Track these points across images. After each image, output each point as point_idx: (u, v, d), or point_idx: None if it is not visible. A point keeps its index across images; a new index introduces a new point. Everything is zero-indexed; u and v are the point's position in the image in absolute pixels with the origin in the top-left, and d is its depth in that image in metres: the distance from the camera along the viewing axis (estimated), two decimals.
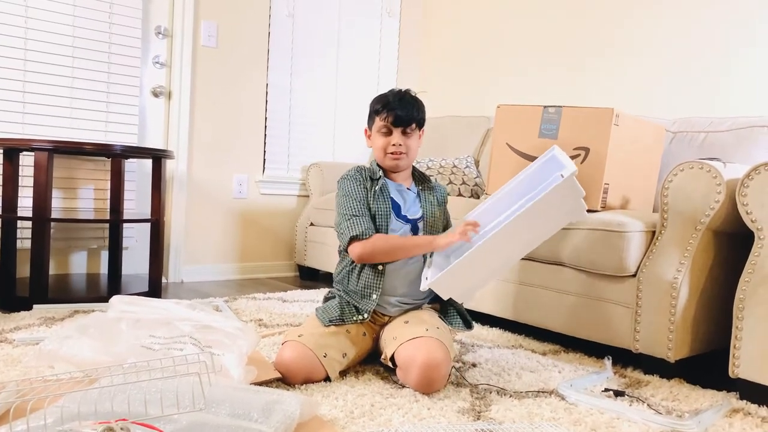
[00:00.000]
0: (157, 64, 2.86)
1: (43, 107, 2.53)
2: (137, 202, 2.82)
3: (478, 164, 2.96)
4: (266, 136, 3.21)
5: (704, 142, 2.23)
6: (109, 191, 2.66)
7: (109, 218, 2.46)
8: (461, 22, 3.59)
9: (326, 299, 1.70)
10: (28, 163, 2.39)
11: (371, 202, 1.60)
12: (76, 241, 2.68)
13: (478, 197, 2.74)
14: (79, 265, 2.72)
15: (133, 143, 2.76)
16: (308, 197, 3.29)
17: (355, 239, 1.54)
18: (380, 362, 1.62)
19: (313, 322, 1.60)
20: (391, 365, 1.53)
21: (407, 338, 1.47)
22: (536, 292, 1.99)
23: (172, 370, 1.13)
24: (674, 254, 1.68)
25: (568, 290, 1.90)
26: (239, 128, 3.10)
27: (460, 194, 2.74)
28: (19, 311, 2.07)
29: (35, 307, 2.10)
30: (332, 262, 2.86)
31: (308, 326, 1.57)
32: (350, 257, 1.59)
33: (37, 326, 1.88)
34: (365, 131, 1.71)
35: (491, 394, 1.47)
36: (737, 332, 1.53)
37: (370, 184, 1.63)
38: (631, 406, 1.41)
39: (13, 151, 2.31)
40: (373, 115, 1.65)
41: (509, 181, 1.72)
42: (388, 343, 1.54)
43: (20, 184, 2.40)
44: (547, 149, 1.75)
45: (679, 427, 1.29)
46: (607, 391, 1.51)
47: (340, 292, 1.65)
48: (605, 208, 1.92)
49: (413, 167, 1.74)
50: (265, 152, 3.21)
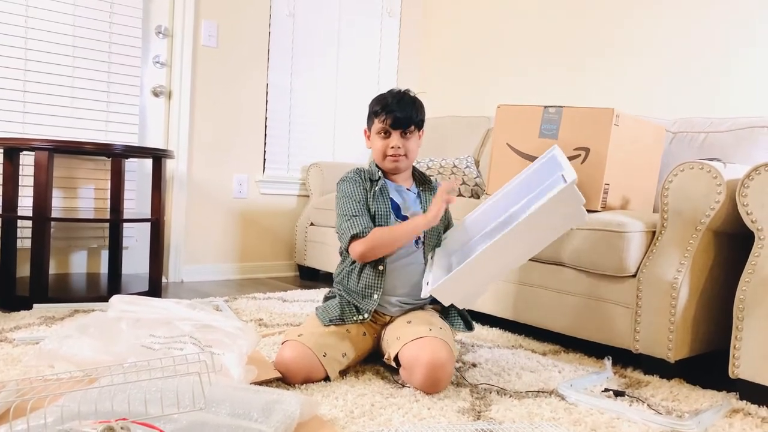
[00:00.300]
0: (157, 63, 2.86)
1: (43, 107, 2.53)
2: (137, 201, 2.82)
3: (478, 164, 2.96)
4: (266, 135, 3.21)
5: (704, 142, 2.23)
6: (109, 191, 2.66)
7: (109, 218, 2.46)
8: (461, 22, 3.59)
9: (326, 299, 1.69)
10: (28, 162, 2.39)
11: (371, 203, 1.60)
12: (76, 240, 2.69)
13: (478, 197, 2.74)
14: (79, 264, 2.72)
15: (133, 143, 2.76)
16: (308, 197, 3.29)
17: (355, 238, 1.54)
18: (380, 362, 1.62)
19: (313, 321, 1.60)
20: (394, 365, 1.53)
21: (411, 338, 1.47)
22: (536, 292, 1.99)
23: (172, 369, 1.13)
24: (674, 254, 1.68)
25: (568, 290, 1.90)
26: (239, 128, 3.10)
27: (460, 194, 2.74)
28: (19, 311, 2.07)
29: (35, 306, 2.10)
30: (332, 261, 2.86)
31: (308, 326, 1.57)
32: (351, 257, 1.59)
33: (37, 326, 1.88)
34: (365, 132, 1.71)
35: (491, 394, 1.47)
36: (737, 332, 1.53)
37: (369, 185, 1.63)
38: (631, 406, 1.41)
39: (13, 150, 2.31)
40: (372, 116, 1.64)
41: (509, 181, 1.73)
42: (391, 343, 1.53)
43: (20, 183, 2.40)
44: (547, 149, 1.75)
45: (679, 427, 1.29)
46: (607, 391, 1.51)
47: (340, 291, 1.65)
48: (605, 208, 1.92)
49: (413, 167, 1.74)
50: (265, 152, 3.21)
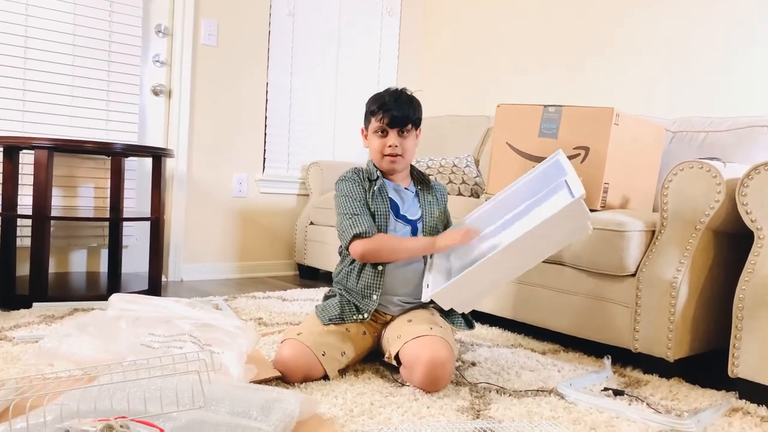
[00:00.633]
0: (157, 62, 2.86)
1: (43, 105, 2.53)
2: (137, 200, 2.82)
3: (478, 163, 2.96)
4: (266, 134, 3.21)
5: (704, 141, 2.23)
6: (109, 189, 2.66)
7: (109, 216, 2.45)
8: (461, 21, 3.59)
9: (326, 297, 1.69)
10: (28, 161, 2.39)
11: (370, 202, 1.60)
12: (76, 239, 2.69)
13: (477, 197, 2.74)
14: (78, 263, 2.72)
15: (133, 142, 2.76)
16: (308, 196, 3.29)
17: (357, 237, 1.54)
18: (380, 360, 1.62)
19: (312, 320, 1.60)
20: (395, 363, 1.53)
21: (412, 337, 1.47)
22: (536, 291, 1.99)
23: (171, 368, 1.13)
24: (674, 254, 1.68)
25: (567, 290, 1.90)
26: (239, 127, 3.10)
27: (459, 193, 2.74)
28: (18, 309, 2.07)
29: (35, 305, 2.10)
30: (332, 261, 2.86)
31: (307, 325, 1.57)
32: (351, 256, 1.59)
33: (36, 324, 1.88)
34: (362, 131, 1.70)
35: (491, 392, 1.47)
36: (737, 332, 1.53)
37: (368, 185, 1.63)
38: (630, 405, 1.41)
39: (13, 149, 2.31)
40: (369, 115, 1.63)
41: (511, 183, 1.72)
42: (392, 341, 1.53)
43: (20, 182, 2.40)
44: (547, 148, 1.75)
45: (678, 426, 1.29)
46: (606, 390, 1.51)
47: (340, 290, 1.65)
48: (605, 207, 1.92)
49: (412, 166, 1.73)
50: (265, 151, 3.21)
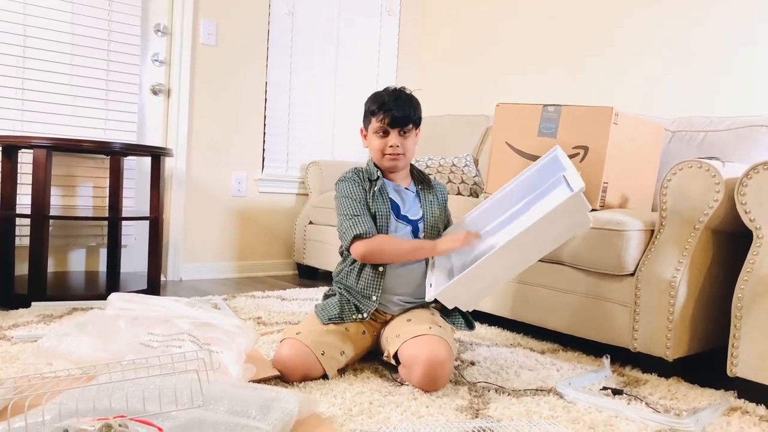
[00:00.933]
0: (156, 61, 2.86)
1: (41, 104, 2.53)
2: (136, 199, 2.82)
3: (477, 163, 2.96)
4: (265, 134, 3.21)
5: (703, 141, 2.23)
6: (107, 189, 2.66)
7: (107, 216, 2.45)
8: (461, 20, 3.58)
9: (326, 297, 1.69)
10: (26, 160, 2.39)
11: (370, 203, 1.59)
12: (74, 238, 2.68)
13: (477, 196, 2.74)
14: (77, 262, 2.72)
15: (132, 141, 2.75)
16: (307, 196, 3.29)
17: (358, 238, 1.54)
18: (379, 360, 1.62)
19: (311, 319, 1.59)
20: (394, 362, 1.52)
21: (411, 336, 1.47)
22: (535, 290, 1.99)
23: (170, 367, 1.13)
24: (673, 253, 1.68)
25: (566, 289, 1.90)
26: (238, 126, 3.10)
27: (459, 193, 2.74)
28: (17, 308, 2.07)
29: (34, 304, 2.10)
30: (331, 260, 2.86)
31: (307, 324, 1.57)
32: (352, 257, 1.59)
33: (35, 323, 1.88)
34: (361, 131, 1.70)
35: (489, 392, 1.47)
36: (735, 331, 1.53)
37: (368, 185, 1.62)
38: (629, 404, 1.41)
39: (11, 148, 2.31)
40: (368, 115, 1.63)
41: (510, 180, 1.72)
42: (390, 340, 1.53)
43: (19, 181, 2.40)
44: (546, 148, 1.75)
45: (677, 425, 1.29)
46: (605, 389, 1.51)
47: (340, 290, 1.65)
48: (604, 206, 1.92)
49: (412, 165, 1.73)
50: (264, 150, 3.21)
